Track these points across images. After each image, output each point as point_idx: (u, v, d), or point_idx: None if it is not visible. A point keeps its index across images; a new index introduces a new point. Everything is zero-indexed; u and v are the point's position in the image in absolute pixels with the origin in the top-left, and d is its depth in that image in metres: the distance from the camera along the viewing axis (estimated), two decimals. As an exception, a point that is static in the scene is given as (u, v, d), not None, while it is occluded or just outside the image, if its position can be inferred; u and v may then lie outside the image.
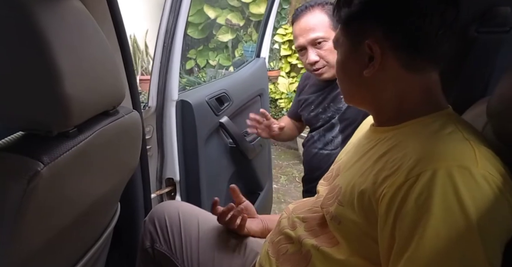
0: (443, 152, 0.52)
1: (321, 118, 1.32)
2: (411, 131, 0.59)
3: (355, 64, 0.63)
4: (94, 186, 0.75)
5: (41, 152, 0.56)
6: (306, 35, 1.21)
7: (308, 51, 1.23)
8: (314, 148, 1.33)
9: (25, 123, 0.59)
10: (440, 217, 0.48)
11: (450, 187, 0.48)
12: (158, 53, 1.18)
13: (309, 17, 1.22)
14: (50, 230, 0.64)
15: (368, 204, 0.56)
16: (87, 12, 0.68)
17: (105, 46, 0.71)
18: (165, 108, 1.22)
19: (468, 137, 0.54)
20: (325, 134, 1.31)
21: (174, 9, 1.15)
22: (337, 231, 0.63)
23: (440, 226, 0.47)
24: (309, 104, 1.36)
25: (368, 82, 0.63)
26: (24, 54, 0.54)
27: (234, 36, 3.72)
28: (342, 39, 0.66)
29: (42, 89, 0.55)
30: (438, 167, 0.49)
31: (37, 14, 0.53)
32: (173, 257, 0.87)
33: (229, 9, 3.67)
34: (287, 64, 3.46)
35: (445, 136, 0.55)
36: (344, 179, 0.66)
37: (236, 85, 1.52)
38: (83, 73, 0.61)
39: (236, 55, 3.78)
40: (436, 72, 0.62)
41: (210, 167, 1.36)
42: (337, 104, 1.28)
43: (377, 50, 0.59)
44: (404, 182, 0.51)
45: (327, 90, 1.31)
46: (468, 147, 0.52)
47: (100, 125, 0.71)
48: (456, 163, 0.49)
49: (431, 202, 0.48)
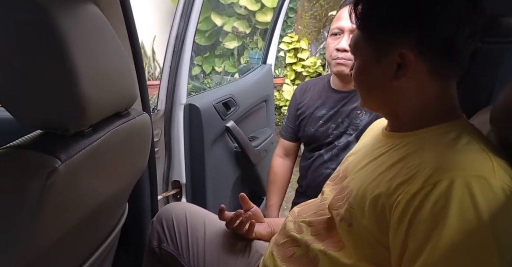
0: (461, 162, 0.51)
1: (332, 134, 1.20)
2: (427, 140, 0.59)
3: (379, 71, 0.61)
4: (105, 185, 0.77)
5: (59, 150, 0.58)
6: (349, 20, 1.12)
7: (343, 37, 1.13)
8: (326, 168, 1.21)
9: (44, 122, 0.61)
10: (456, 225, 0.47)
11: (468, 197, 0.47)
12: (168, 58, 1.20)
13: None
14: (63, 227, 0.66)
15: (381, 209, 0.56)
16: (103, 17, 0.70)
17: (119, 50, 0.73)
18: (174, 111, 1.25)
19: (485, 148, 0.54)
20: (338, 154, 1.19)
21: (185, 16, 1.18)
22: (347, 234, 0.62)
23: (455, 234, 0.47)
24: (315, 118, 1.24)
25: (392, 89, 0.61)
26: (45, 57, 0.56)
27: (240, 43, 3.77)
28: (363, 49, 0.63)
29: (61, 90, 0.57)
30: (456, 176, 0.49)
31: (57, 18, 0.55)
32: (179, 257, 0.88)
33: (236, 17, 3.72)
34: (292, 72, 3.50)
35: (462, 146, 0.55)
36: (355, 181, 0.65)
37: (242, 91, 1.54)
38: (98, 75, 0.63)
39: (241, 62, 3.82)
40: (455, 80, 0.62)
41: (216, 170, 1.38)
42: (353, 120, 1.17)
43: (410, 58, 0.57)
44: (419, 190, 0.50)
45: (341, 104, 1.20)
46: (485, 158, 0.52)
47: (113, 126, 0.73)
48: (474, 173, 0.49)
49: (448, 211, 0.47)
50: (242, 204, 0.94)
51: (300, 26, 3.50)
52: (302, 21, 3.48)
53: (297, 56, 3.44)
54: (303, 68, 3.43)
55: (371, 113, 1.16)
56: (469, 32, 0.57)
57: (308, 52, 3.43)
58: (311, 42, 3.45)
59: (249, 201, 0.94)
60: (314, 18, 3.42)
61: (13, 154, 0.58)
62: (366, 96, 0.67)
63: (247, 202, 0.93)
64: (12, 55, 0.56)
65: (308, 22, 3.44)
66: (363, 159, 0.69)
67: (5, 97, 0.58)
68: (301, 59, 3.42)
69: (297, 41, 3.46)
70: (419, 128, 0.61)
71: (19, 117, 0.60)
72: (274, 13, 1.70)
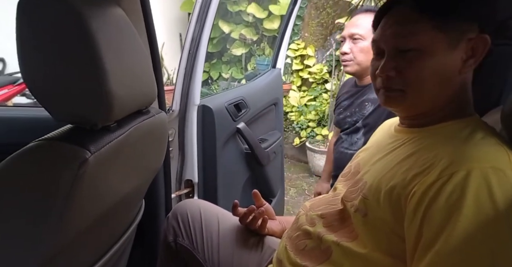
0: (477, 154, 0.52)
1: (347, 121, 1.45)
2: (442, 134, 0.60)
3: (450, 62, 0.60)
4: (126, 179, 0.79)
5: (88, 142, 0.61)
6: (350, 29, 1.36)
7: (345, 42, 1.37)
8: (342, 147, 1.46)
9: (74, 117, 0.65)
10: (471, 216, 0.48)
11: (484, 187, 0.48)
12: (184, 60, 1.24)
13: (361, 17, 1.36)
14: (88, 219, 0.68)
15: (396, 200, 0.56)
16: (127, 19, 0.73)
17: (141, 50, 0.77)
18: (188, 112, 1.28)
19: (500, 142, 0.55)
20: (351, 136, 1.44)
21: (201, 19, 1.22)
22: (362, 224, 0.63)
23: (470, 224, 0.47)
24: (340, 107, 1.52)
25: (457, 82, 0.61)
26: (76, 56, 0.59)
27: (247, 50, 3.82)
28: (432, 35, 0.59)
29: (91, 87, 0.60)
30: (472, 167, 0.50)
31: (89, 20, 0.58)
32: (194, 251, 0.90)
33: (244, 24, 3.78)
34: (298, 78, 3.53)
35: (478, 140, 0.56)
36: (369, 174, 0.66)
37: (253, 94, 1.58)
38: (123, 74, 0.66)
39: (248, 69, 3.86)
40: None
41: (227, 170, 1.40)
42: (362, 110, 1.40)
43: (486, 46, 0.58)
44: (435, 181, 0.51)
45: (356, 96, 1.44)
46: (501, 150, 0.53)
47: (135, 122, 0.77)
48: (491, 165, 0.50)
49: (463, 201, 0.48)
50: (254, 200, 0.96)
51: (306, 33, 3.55)
52: (308, 28, 3.52)
53: (303, 63, 3.48)
54: (310, 75, 3.46)
55: (376, 103, 1.35)
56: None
57: (314, 59, 3.47)
58: (317, 49, 3.50)
59: (261, 198, 0.97)
60: (320, 26, 3.46)
61: (48, 145, 0.61)
62: (423, 94, 0.62)
63: (260, 199, 0.96)
64: (48, 55, 0.60)
65: (315, 29, 3.49)
66: (375, 154, 0.70)
67: (41, 94, 0.61)
68: (308, 66, 3.46)
69: (304, 48, 3.50)
70: (431, 125, 0.62)
71: (53, 112, 0.63)
72: (284, 18, 1.74)
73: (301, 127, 3.43)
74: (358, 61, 1.36)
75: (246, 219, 0.91)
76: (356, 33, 1.34)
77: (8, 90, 2.98)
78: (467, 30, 0.59)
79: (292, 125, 3.48)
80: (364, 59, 1.34)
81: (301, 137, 3.42)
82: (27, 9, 0.58)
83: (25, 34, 0.59)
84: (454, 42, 0.59)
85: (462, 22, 0.59)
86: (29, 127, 1.09)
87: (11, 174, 0.59)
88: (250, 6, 3.65)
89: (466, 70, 0.60)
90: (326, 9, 3.41)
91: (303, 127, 3.42)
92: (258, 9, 3.64)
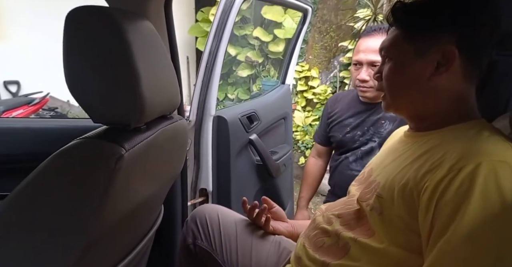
0: (485, 149, 0.55)
1: (358, 140, 1.36)
2: (450, 136, 0.62)
3: (418, 71, 0.64)
4: (150, 182, 0.83)
5: (123, 141, 0.66)
6: (368, 54, 1.26)
7: (363, 68, 1.28)
8: (350, 169, 1.36)
9: (110, 118, 0.70)
10: (479, 206, 0.50)
11: (492, 179, 0.50)
12: (201, 72, 1.30)
13: (378, 39, 1.22)
14: (118, 215, 0.71)
15: (409, 196, 0.58)
16: (156, 32, 0.80)
17: (168, 60, 0.83)
18: (204, 122, 1.32)
19: (505, 139, 0.58)
20: (363, 157, 1.34)
21: (218, 35, 1.29)
22: (379, 222, 0.64)
23: (478, 214, 0.49)
24: (343, 126, 1.40)
25: (429, 89, 0.65)
26: (115, 64, 0.65)
27: (253, 72, 3.93)
28: (402, 47, 0.66)
29: (126, 91, 0.65)
30: (480, 161, 0.52)
31: (126, 32, 0.64)
32: (213, 252, 0.92)
33: (249, 47, 3.91)
34: (303, 99, 3.62)
35: (485, 137, 0.58)
36: (382, 175, 0.69)
37: (264, 107, 1.63)
38: (153, 80, 0.71)
39: (254, 89, 3.96)
40: (475, 85, 0.67)
41: (239, 180, 1.43)
42: (378, 128, 1.33)
43: (454, 54, 0.61)
44: (446, 175, 0.53)
45: (367, 114, 1.35)
46: (508, 146, 0.56)
47: (161, 126, 0.82)
48: (499, 158, 0.52)
49: (472, 192, 0.50)
50: (264, 203, 1.00)
51: (310, 56, 3.67)
52: (312, 51, 3.65)
53: (308, 84, 3.57)
54: (314, 96, 3.54)
55: (394, 122, 1.28)
56: (495, 41, 0.63)
57: (318, 80, 3.57)
58: (321, 71, 3.60)
59: (270, 201, 1.01)
60: (324, 49, 3.59)
61: (88, 143, 0.66)
62: (398, 97, 0.69)
63: (269, 202, 1.01)
64: (90, 63, 0.65)
65: (319, 52, 3.61)
66: (386, 158, 0.73)
67: (82, 98, 0.67)
68: (312, 87, 3.55)
69: (308, 70, 3.60)
70: (440, 128, 0.65)
71: (92, 114, 0.69)
72: (294, 35, 1.83)
73: (306, 146, 3.47)
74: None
75: (252, 213, 0.97)
76: (377, 61, 1.22)
77: (24, 110, 3.10)
78: (437, 41, 0.62)
79: (297, 144, 3.52)
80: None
81: (306, 156, 3.45)
82: (74, 20, 0.64)
83: (71, 43, 0.65)
84: (421, 51, 0.64)
85: (431, 34, 0.63)
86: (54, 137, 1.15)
87: (57, 167, 0.64)
88: (256, 30, 3.80)
89: (437, 77, 0.63)
90: (330, 33, 3.54)
91: (308, 146, 3.46)
92: (264, 33, 3.79)
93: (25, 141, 1.18)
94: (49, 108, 3.49)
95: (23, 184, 0.64)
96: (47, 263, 0.64)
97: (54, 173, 0.64)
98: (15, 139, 1.19)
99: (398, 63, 0.67)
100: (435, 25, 0.63)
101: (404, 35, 0.66)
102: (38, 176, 0.64)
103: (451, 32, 0.62)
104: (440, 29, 0.63)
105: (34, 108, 3.20)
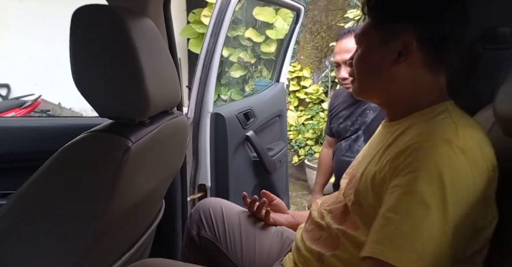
0: (431, 130, 0.60)
1: (349, 130, 1.54)
2: (414, 121, 0.66)
3: (380, 58, 0.68)
4: (152, 176, 0.86)
5: (129, 134, 0.69)
6: (343, 55, 1.44)
7: (341, 68, 1.47)
8: (343, 155, 1.54)
9: (116, 113, 0.72)
10: (424, 181, 0.54)
11: (434, 156, 0.55)
12: (199, 70, 1.33)
13: (349, 40, 1.42)
14: (124, 206, 0.74)
15: (378, 188, 0.62)
16: (157, 29, 0.83)
17: (168, 56, 0.86)
18: (201, 119, 1.35)
19: (456, 120, 0.61)
20: (352, 144, 1.53)
21: (215, 34, 1.32)
22: (359, 215, 0.67)
23: (421, 187, 0.54)
24: (338, 117, 1.60)
25: (390, 74, 0.68)
26: (120, 60, 0.67)
27: (245, 72, 3.96)
28: (369, 35, 0.71)
29: (131, 86, 0.68)
30: (425, 140, 0.57)
31: (130, 29, 0.67)
32: (217, 242, 0.95)
33: (241, 48, 3.94)
34: (295, 98, 3.66)
35: (439, 120, 0.63)
36: (359, 168, 0.73)
37: (259, 104, 1.66)
38: (156, 76, 0.74)
39: (246, 90, 3.99)
40: (444, 76, 0.70)
41: (237, 176, 1.46)
42: (363, 118, 1.51)
43: (413, 46, 0.65)
44: (398, 156, 0.58)
45: (355, 106, 1.54)
46: (452, 126, 0.60)
47: (164, 120, 0.84)
48: (441, 137, 0.57)
49: (417, 166, 0.55)
50: (264, 197, 1.03)
51: (302, 56, 3.71)
52: (304, 51, 3.70)
53: (300, 84, 3.61)
54: (306, 95, 3.59)
55: (375, 111, 1.45)
56: (459, 37, 0.66)
57: (310, 80, 3.62)
58: (313, 71, 3.65)
59: (270, 195, 1.05)
60: (315, 49, 3.64)
61: (96, 136, 0.69)
62: (364, 82, 0.73)
63: (269, 196, 1.05)
64: (95, 59, 0.68)
65: (310, 52, 3.66)
66: (366, 151, 0.78)
67: (88, 93, 0.69)
68: (304, 86, 3.60)
69: (300, 70, 3.65)
70: (407, 115, 0.69)
71: (98, 109, 0.71)
72: (287, 34, 1.87)
73: (300, 145, 3.51)
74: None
75: (253, 206, 1.00)
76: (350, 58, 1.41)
77: (16, 113, 3.07)
78: (399, 32, 0.66)
79: (291, 143, 3.56)
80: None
81: (300, 155, 3.49)
82: (81, 18, 0.67)
83: (77, 40, 0.67)
84: (385, 40, 0.68)
85: (394, 24, 0.67)
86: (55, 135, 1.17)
87: (66, 160, 0.66)
88: (248, 31, 3.83)
89: (398, 66, 0.67)
90: (320, 33, 3.60)
91: (302, 145, 3.51)
92: (256, 34, 3.82)
93: (25, 139, 1.20)
94: (41, 111, 3.46)
95: (33, 177, 0.66)
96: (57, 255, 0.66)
97: (63, 166, 0.66)
98: (15, 138, 1.20)
99: (365, 50, 0.71)
100: (398, 16, 0.67)
101: (372, 25, 0.71)
102: (48, 169, 0.66)
103: (411, 24, 0.66)
104: (402, 20, 0.67)
105: (26, 111, 3.18)
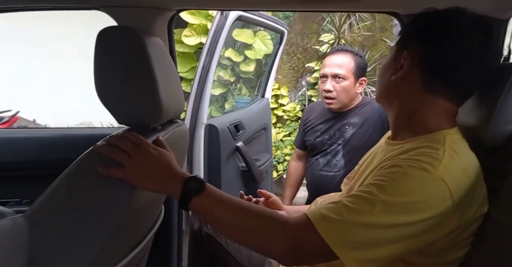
0: (417, 159, 0.63)
1: (326, 144, 1.58)
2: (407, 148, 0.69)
3: (390, 69, 0.76)
4: None
5: (144, 137, 0.76)
6: (332, 68, 1.53)
7: (327, 80, 1.53)
8: (321, 170, 1.57)
9: (132, 119, 0.81)
10: (385, 187, 0.60)
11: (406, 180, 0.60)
12: (195, 85, 1.43)
13: (341, 56, 1.53)
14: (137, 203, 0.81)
15: None
16: (165, 47, 0.93)
17: (175, 72, 0.96)
18: (196, 130, 1.44)
19: (449, 152, 0.63)
20: (330, 159, 1.56)
21: (210, 52, 1.45)
22: None
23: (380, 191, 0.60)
24: (315, 131, 1.63)
25: (394, 88, 0.74)
26: (138, 73, 0.76)
27: (225, 90, 4.09)
28: (394, 47, 0.78)
29: (147, 97, 0.77)
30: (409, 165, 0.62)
31: (147, 47, 0.76)
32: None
33: (221, 67, 4.08)
34: (273, 115, 3.81)
35: (426, 152, 0.64)
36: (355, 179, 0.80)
37: (247, 118, 1.78)
38: (167, 88, 0.83)
39: (226, 107, 4.10)
40: (450, 102, 0.70)
41: (228, 185, 1.55)
42: (342, 133, 1.55)
43: (407, 61, 0.70)
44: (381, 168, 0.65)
45: (334, 121, 1.59)
46: (438, 160, 0.62)
47: (172, 128, 0.94)
48: (421, 166, 0.60)
49: (388, 179, 0.61)
50: (261, 196, 1.12)
51: (280, 75, 3.91)
52: (281, 71, 3.89)
53: (278, 102, 3.78)
54: (284, 113, 3.76)
55: (355, 127, 1.52)
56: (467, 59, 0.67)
57: (288, 98, 3.80)
58: (290, 90, 3.84)
59: (267, 193, 1.11)
60: (292, 69, 3.85)
61: None
62: (379, 90, 0.81)
63: (265, 194, 1.11)
64: (116, 73, 0.77)
65: (287, 72, 3.86)
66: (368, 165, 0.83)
67: (110, 103, 0.77)
68: (282, 104, 3.77)
69: (278, 88, 3.83)
70: (407, 139, 0.73)
71: (117, 116, 0.79)
72: (272, 55, 2.02)
73: (278, 161, 3.63)
74: (341, 100, 1.52)
75: None
76: (340, 74, 1.49)
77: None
78: (409, 47, 0.72)
79: (269, 159, 3.67)
80: (345, 97, 1.51)
81: (279, 170, 3.61)
82: (105, 38, 0.76)
83: (101, 56, 0.76)
84: (398, 53, 0.75)
85: (405, 42, 0.74)
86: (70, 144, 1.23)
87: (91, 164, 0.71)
88: (228, 51, 3.99)
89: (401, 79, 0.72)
90: (297, 55, 3.82)
91: (280, 161, 3.63)
92: (235, 53, 3.98)
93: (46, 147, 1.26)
94: (18, 127, 3.40)
95: (57, 180, 0.70)
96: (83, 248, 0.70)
97: (87, 169, 0.71)
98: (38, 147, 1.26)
99: (387, 59, 0.80)
100: (409, 35, 0.76)
101: (399, 39, 0.80)
102: (72, 173, 0.71)
103: (416, 44, 0.72)
104: (414, 38, 0.74)
105: (3, 127, 3.12)
